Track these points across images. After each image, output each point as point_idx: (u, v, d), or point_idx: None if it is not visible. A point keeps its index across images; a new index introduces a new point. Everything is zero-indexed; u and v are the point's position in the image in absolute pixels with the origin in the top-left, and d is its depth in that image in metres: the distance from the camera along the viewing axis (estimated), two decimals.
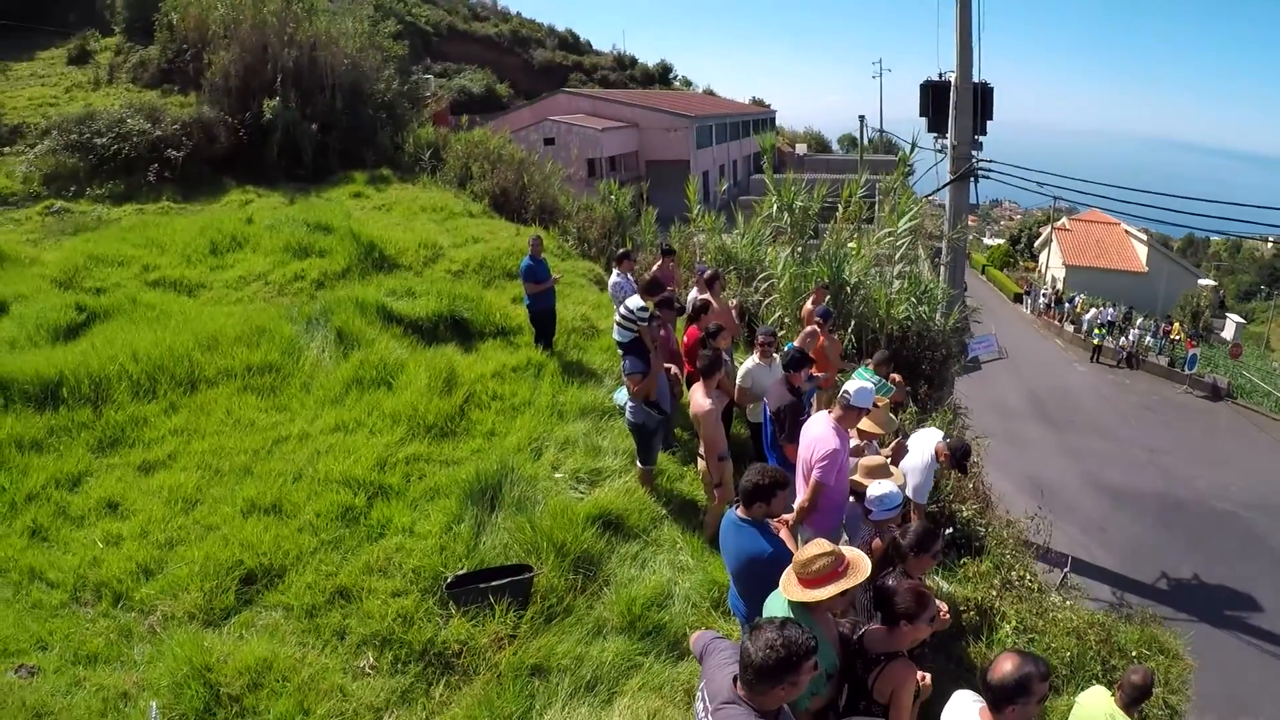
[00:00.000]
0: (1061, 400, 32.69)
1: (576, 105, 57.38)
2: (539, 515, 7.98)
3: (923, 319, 15.60)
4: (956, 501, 11.47)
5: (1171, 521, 23.57)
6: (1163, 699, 8.92)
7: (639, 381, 9.13)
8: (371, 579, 7.14)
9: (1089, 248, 59.31)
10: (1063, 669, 8.57)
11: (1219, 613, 19.28)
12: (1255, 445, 32.45)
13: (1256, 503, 25.84)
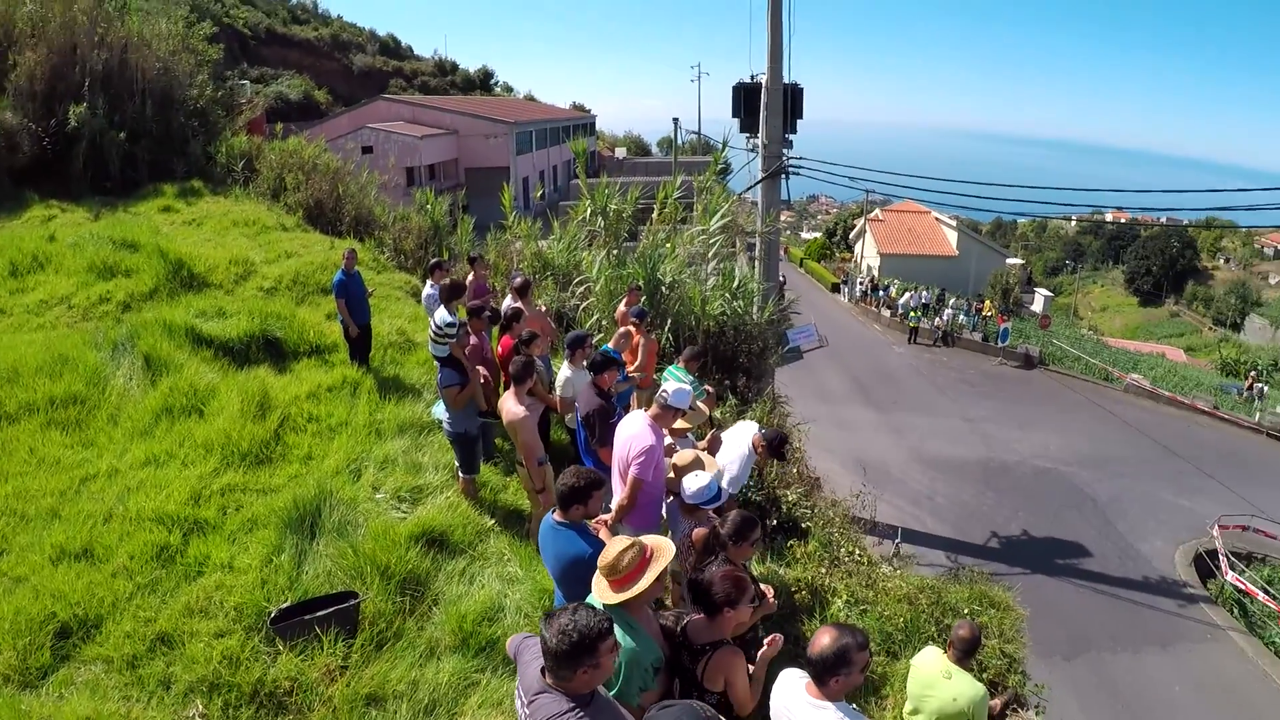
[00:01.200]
0: (883, 382, 34.10)
1: (396, 112, 57.11)
2: (361, 539, 7.86)
3: (738, 313, 16.12)
4: (781, 487, 11.88)
5: (997, 484, 25.09)
6: (999, 649, 9.52)
7: (456, 393, 9.17)
8: (193, 621, 6.82)
9: (902, 236, 61.98)
10: (898, 635, 9.00)
11: (1051, 562, 20.79)
12: (1069, 406, 34.91)
13: (1074, 458, 27.79)
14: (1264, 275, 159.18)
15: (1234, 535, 24.06)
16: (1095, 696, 16.15)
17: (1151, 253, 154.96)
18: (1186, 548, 23.29)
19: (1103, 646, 17.59)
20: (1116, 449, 30.24)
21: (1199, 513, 24.90)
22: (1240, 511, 24.91)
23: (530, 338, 9.84)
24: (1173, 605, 20.21)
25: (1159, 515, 24.94)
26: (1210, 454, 31.77)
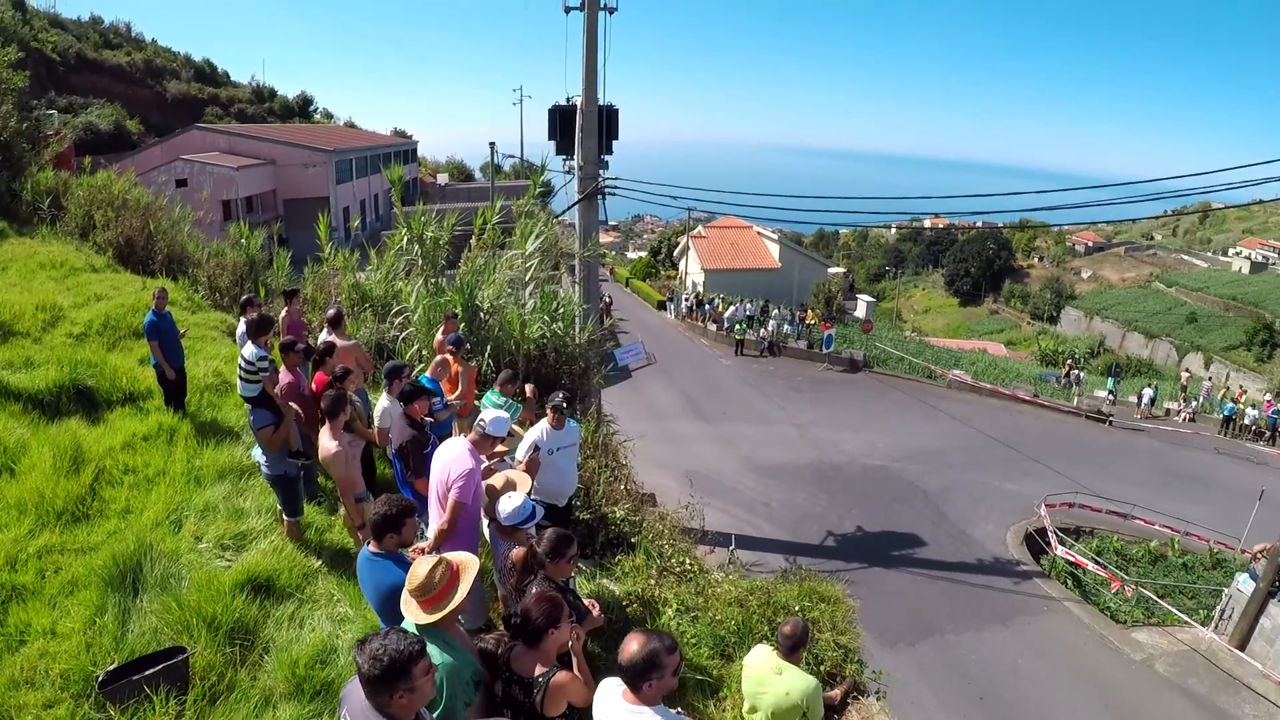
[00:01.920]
0: (712, 394, 34.58)
1: (211, 142, 55.19)
2: (185, 592, 7.62)
3: (558, 335, 16.14)
4: (609, 504, 12.10)
5: (829, 486, 25.67)
6: (834, 641, 9.84)
7: (270, 434, 9.03)
8: (19, 694, 6.48)
9: (725, 251, 63.22)
10: (731, 637, 9.27)
11: (888, 555, 21.42)
12: (895, 405, 36.14)
13: (903, 455, 28.73)
14: (1076, 271, 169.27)
15: (1061, 513, 25.41)
16: (944, 676, 16.61)
17: (969, 255, 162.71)
18: (1017, 528, 24.40)
19: (946, 629, 18.14)
20: (943, 442, 31.57)
21: (1026, 495, 26.21)
22: (1065, 490, 26.46)
23: (345, 374, 9.61)
24: (1009, 583, 21.09)
25: (988, 501, 26.07)
26: (1033, 439, 33.48)
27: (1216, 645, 19.47)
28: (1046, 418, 39.04)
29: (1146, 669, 18.36)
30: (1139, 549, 25.09)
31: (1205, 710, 17.18)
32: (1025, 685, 16.94)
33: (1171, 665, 18.69)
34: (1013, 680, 17.02)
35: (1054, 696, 16.75)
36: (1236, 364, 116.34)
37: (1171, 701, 17.35)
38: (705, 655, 8.95)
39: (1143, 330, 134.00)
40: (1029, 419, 38.09)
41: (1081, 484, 27.30)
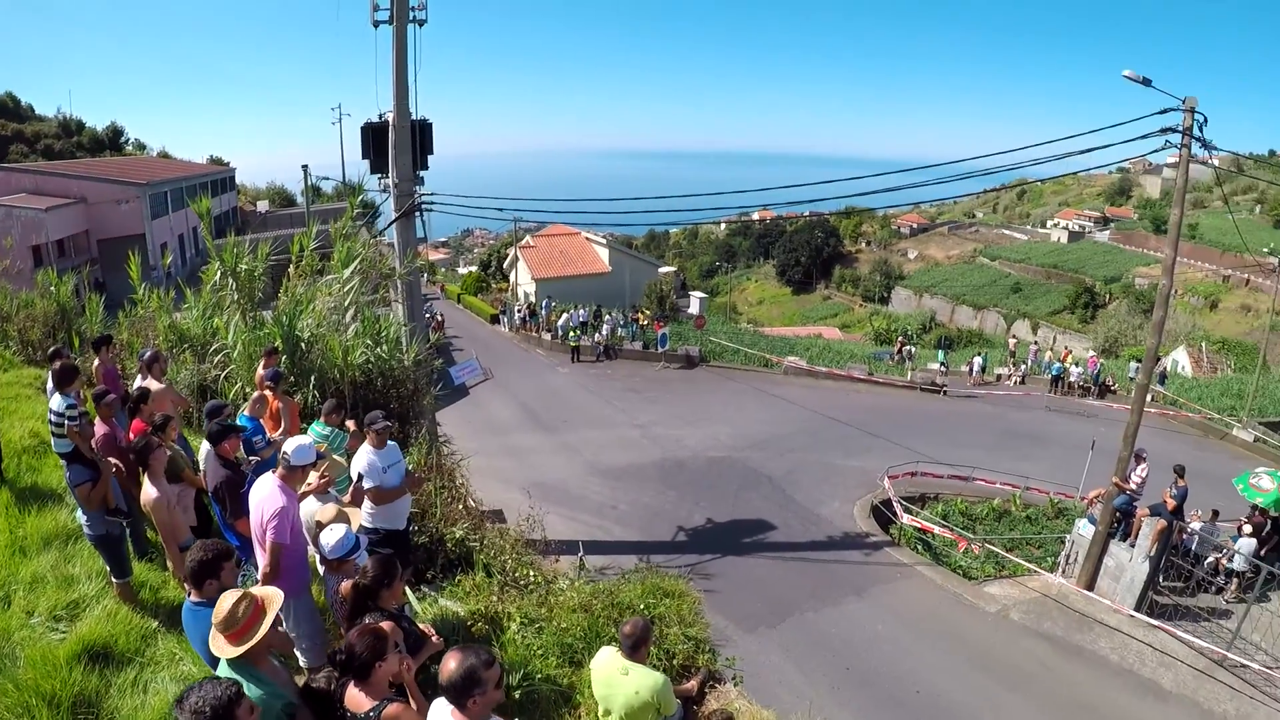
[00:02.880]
0: (552, 404, 34.32)
1: (16, 183, 52.03)
2: (20, 671, 7.10)
3: (383, 359, 15.66)
4: (447, 525, 11.93)
5: (675, 482, 25.67)
6: (682, 634, 9.79)
7: (89, 491, 8.63)
8: None
9: (555, 259, 63.06)
10: (578, 644, 9.19)
11: (740, 543, 21.54)
12: (734, 396, 36.70)
13: (745, 443, 29.10)
14: (903, 252, 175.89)
15: (904, 483, 26.06)
16: (808, 653, 16.69)
17: (798, 245, 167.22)
18: (863, 502, 24.87)
19: (805, 607, 18.26)
20: (783, 427, 32.09)
21: (869, 469, 26.86)
22: (906, 461, 27.05)
23: (165, 422, 9.18)
24: (860, 555, 21.48)
25: (833, 479, 26.56)
26: (871, 416, 34.33)
27: (1066, 588, 20.41)
28: (883, 394, 40.32)
29: (1002, 619, 19.00)
30: (983, 508, 26.05)
31: (1063, 649, 17.92)
32: (888, 650, 17.21)
33: (1026, 612, 19.43)
34: (875, 647, 17.26)
35: (917, 657, 17.08)
36: (1062, 326, 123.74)
37: (1030, 646, 17.98)
38: (554, 665, 8.83)
39: (971, 303, 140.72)
40: (866, 397, 39.24)
41: (922, 453, 28.15)
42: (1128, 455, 19.62)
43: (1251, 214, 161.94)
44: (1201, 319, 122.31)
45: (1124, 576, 19.68)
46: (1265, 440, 41.13)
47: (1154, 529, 18.89)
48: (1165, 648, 18.51)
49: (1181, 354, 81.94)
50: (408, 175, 19.41)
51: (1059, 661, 17.65)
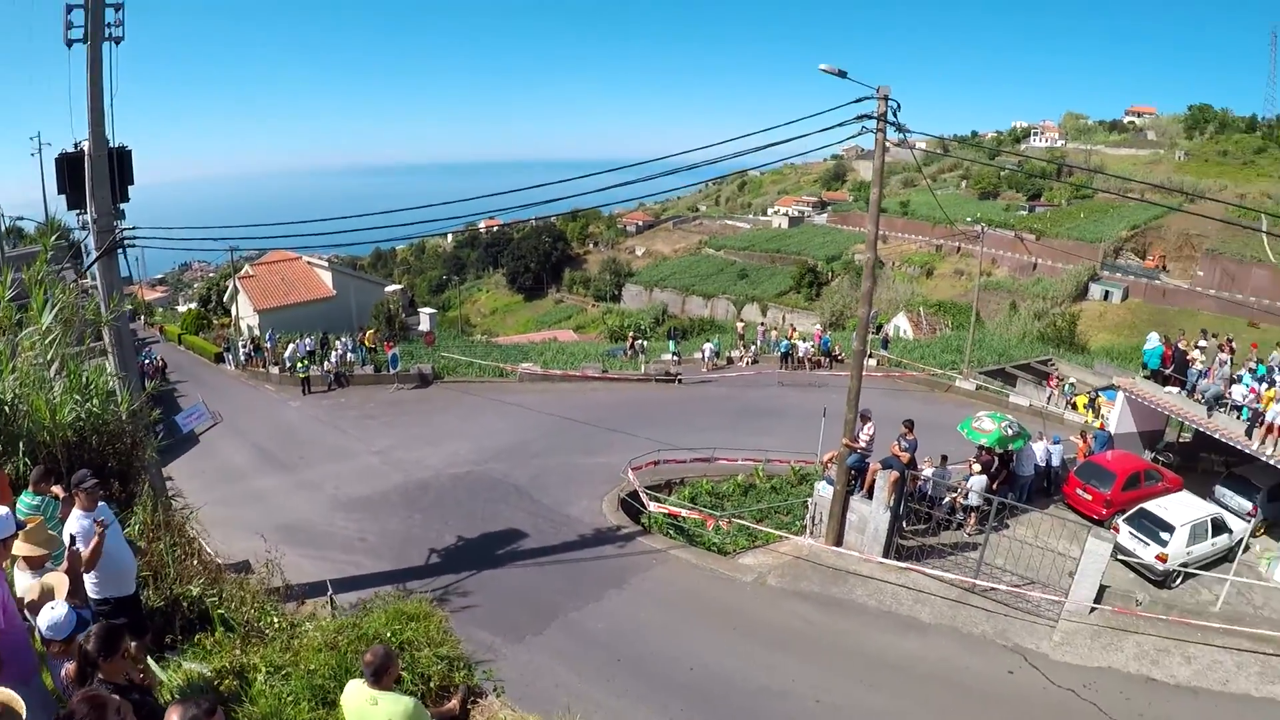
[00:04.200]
0: (288, 441, 32.85)
1: None
2: None
3: (95, 414, 14.38)
4: (181, 584, 11.28)
5: (421, 504, 25.15)
6: (434, 655, 9.56)
7: None
8: None
9: (276, 288, 60.37)
10: (329, 683, 8.78)
11: (494, 554, 21.38)
12: (472, 410, 37.13)
13: (487, 456, 29.18)
14: (631, 249, 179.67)
15: (649, 472, 26.50)
16: (579, 652, 16.68)
17: (527, 251, 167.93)
18: (610, 497, 25.18)
19: (568, 608, 18.22)
20: (524, 435, 32.01)
21: (613, 464, 27.19)
22: (648, 451, 27.49)
23: None
24: (614, 549, 21.69)
25: (578, 479, 26.74)
26: (610, 411, 34.81)
27: (817, 548, 21.41)
28: (619, 389, 40.99)
29: (760, 586, 19.75)
30: (729, 485, 26.93)
31: (822, 604, 18.91)
32: (656, 635, 17.48)
33: (782, 576, 20.29)
34: (643, 634, 17.48)
35: (685, 636, 17.47)
36: (790, 306, 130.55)
37: (791, 607, 18.81)
38: (306, 710, 8.40)
39: (701, 293, 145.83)
40: (603, 394, 39.80)
41: (664, 441, 28.60)
42: (853, 417, 20.75)
43: (958, 189, 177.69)
44: (919, 286, 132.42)
45: (868, 528, 20.80)
46: (986, 387, 44.81)
47: (888, 480, 20.08)
48: (918, 585, 19.92)
49: (902, 319, 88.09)
50: (107, 209, 17.82)
51: (820, 616, 18.52)
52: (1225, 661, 18.20)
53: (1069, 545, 20.44)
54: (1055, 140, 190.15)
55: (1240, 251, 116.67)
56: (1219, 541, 23.30)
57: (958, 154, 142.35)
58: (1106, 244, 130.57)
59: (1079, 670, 17.38)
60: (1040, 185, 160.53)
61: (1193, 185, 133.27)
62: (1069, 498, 25.93)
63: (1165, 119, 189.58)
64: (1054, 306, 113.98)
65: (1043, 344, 71.95)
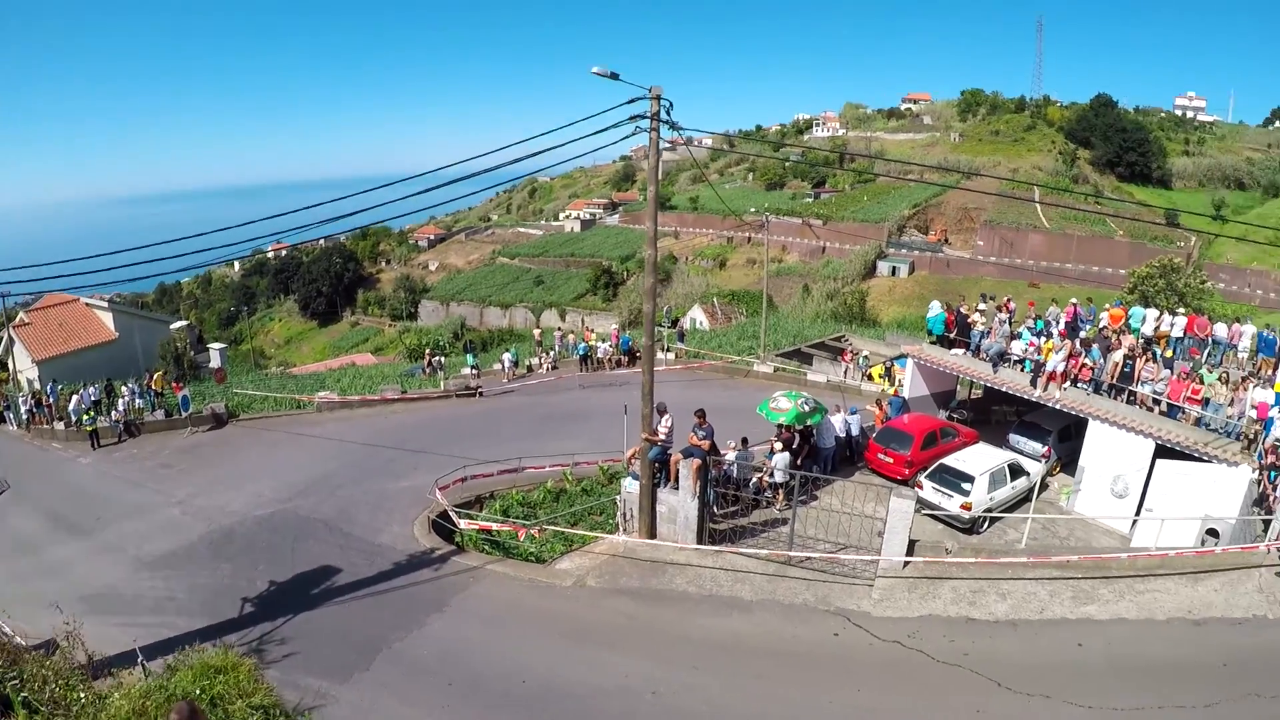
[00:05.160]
0: (81, 502, 30.91)
1: None
2: None
3: None
4: None
5: (228, 552, 24.20)
6: (247, 706, 9.64)
7: None
8: None
9: (54, 335, 56.56)
10: None
11: (309, 595, 20.76)
12: (270, 446, 35.53)
13: (291, 493, 28.52)
14: (424, 265, 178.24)
15: (458, 489, 26.53)
16: (408, 681, 16.44)
17: (318, 275, 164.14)
18: (421, 520, 24.92)
19: (391, 639, 17.91)
20: (327, 466, 31.25)
21: (421, 486, 26.90)
22: (455, 468, 27.44)
23: None
24: (431, 572, 21.44)
25: (386, 505, 26.34)
26: (413, 433, 34.60)
27: (632, 543, 21.83)
28: (420, 410, 40.50)
29: (581, 589, 20.00)
30: (539, 493, 27.09)
31: (644, 598, 19.36)
32: (484, 652, 17.44)
33: (601, 576, 20.59)
34: (471, 654, 17.41)
35: (513, 649, 17.51)
36: (588, 308, 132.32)
37: (614, 604, 19.14)
38: None
39: (498, 303, 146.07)
40: (404, 416, 39.24)
41: (470, 457, 28.53)
42: (649, 411, 21.09)
43: (746, 181, 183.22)
44: (714, 278, 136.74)
45: (679, 517, 21.24)
46: (784, 368, 46.46)
47: (690, 469, 20.52)
48: (736, 566, 20.56)
49: (698, 311, 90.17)
50: None
51: (644, 609, 18.90)
52: (1039, 592, 19.63)
53: (876, 508, 21.33)
54: (837, 130, 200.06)
55: (1016, 220, 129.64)
56: (1018, 484, 25.28)
57: (744, 148, 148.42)
58: (890, 223, 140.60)
59: (901, 622, 18.35)
60: (824, 173, 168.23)
61: (968, 163, 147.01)
62: (872, 463, 27.26)
63: (940, 104, 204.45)
64: (844, 286, 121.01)
65: (836, 322, 75.30)
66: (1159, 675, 16.72)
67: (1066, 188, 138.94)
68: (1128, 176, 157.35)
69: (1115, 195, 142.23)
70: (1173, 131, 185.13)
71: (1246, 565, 20.65)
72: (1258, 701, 15.82)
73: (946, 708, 15.60)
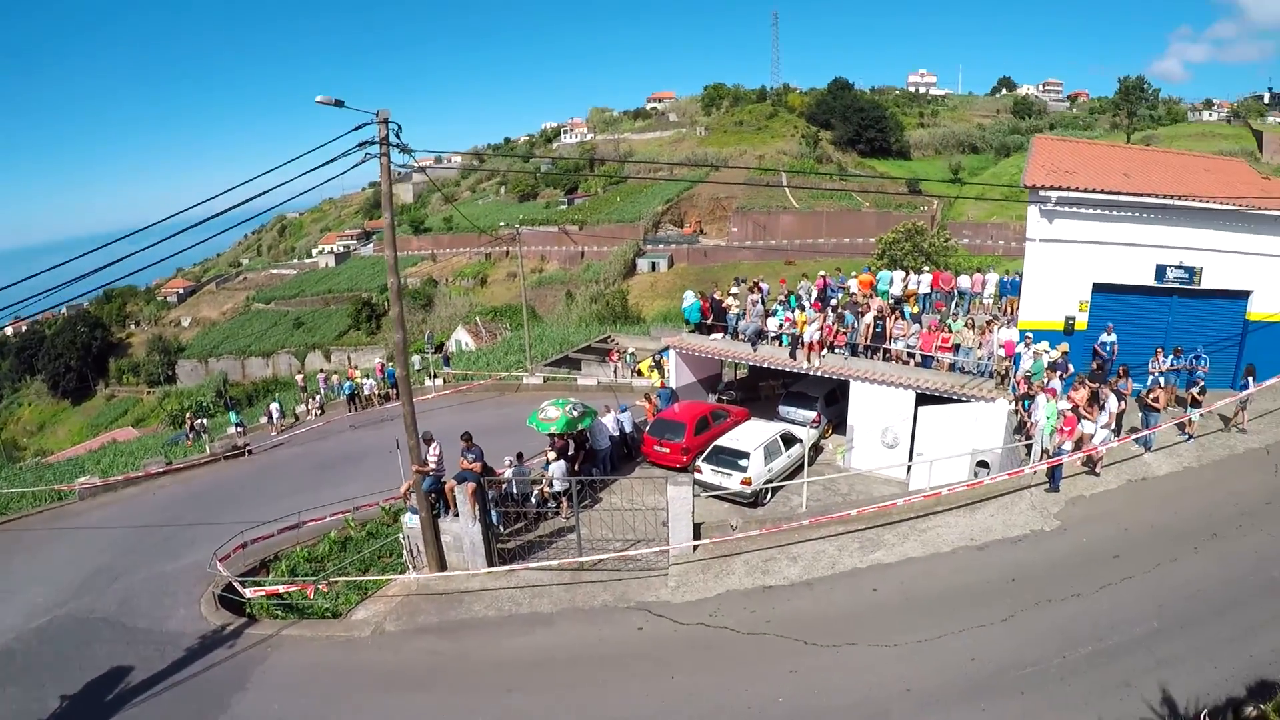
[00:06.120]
0: None
1: None
2: None
3: None
4: None
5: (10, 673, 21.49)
6: None
7: None
8: None
9: None
10: None
11: (101, 704, 19.04)
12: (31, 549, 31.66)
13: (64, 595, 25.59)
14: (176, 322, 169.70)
15: (239, 557, 25.47)
16: None
17: (63, 348, 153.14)
18: (206, 597, 23.47)
19: None
20: (100, 558, 28.67)
21: (202, 560, 25.46)
22: (233, 535, 26.34)
23: None
24: (226, 651, 20.30)
25: (169, 589, 24.73)
26: (185, 506, 33.02)
27: (424, 579, 21.57)
28: (189, 479, 38.28)
29: (381, 636, 19.63)
30: (324, 544, 26.22)
31: (446, 631, 19.34)
32: None
33: (398, 619, 20.26)
34: None
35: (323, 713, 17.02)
36: (353, 345, 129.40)
37: (417, 644, 18.98)
38: None
39: (259, 352, 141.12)
40: (174, 488, 37.05)
41: (248, 520, 27.38)
42: (415, 442, 20.87)
43: (499, 195, 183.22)
44: (476, 296, 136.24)
45: (464, 544, 21.31)
46: (554, 378, 46.96)
47: (466, 494, 20.47)
48: (531, 581, 20.75)
49: (462, 332, 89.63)
50: None
51: (447, 644, 18.78)
52: (827, 549, 20.71)
53: (659, 499, 21.77)
54: (585, 134, 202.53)
55: (766, 204, 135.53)
56: (794, 452, 26.55)
57: (493, 163, 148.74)
58: (646, 221, 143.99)
59: (701, 604, 18.92)
60: (576, 179, 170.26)
61: (716, 155, 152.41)
62: (650, 456, 27.89)
63: (684, 101, 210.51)
64: (606, 287, 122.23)
65: (601, 324, 77.05)
66: (955, 602, 17.98)
67: (812, 169, 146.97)
68: (869, 152, 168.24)
69: (858, 170, 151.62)
70: (908, 107, 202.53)
71: (1017, 488, 22.76)
72: (1049, 606, 17.42)
73: (761, 675, 16.23)
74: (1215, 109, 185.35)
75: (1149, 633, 16.27)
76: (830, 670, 16.12)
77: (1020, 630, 16.77)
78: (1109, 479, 23.21)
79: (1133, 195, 26.90)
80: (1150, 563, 18.74)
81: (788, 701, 15.47)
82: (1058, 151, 32.35)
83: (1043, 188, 26.84)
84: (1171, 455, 24.35)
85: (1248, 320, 28.83)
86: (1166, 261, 27.89)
